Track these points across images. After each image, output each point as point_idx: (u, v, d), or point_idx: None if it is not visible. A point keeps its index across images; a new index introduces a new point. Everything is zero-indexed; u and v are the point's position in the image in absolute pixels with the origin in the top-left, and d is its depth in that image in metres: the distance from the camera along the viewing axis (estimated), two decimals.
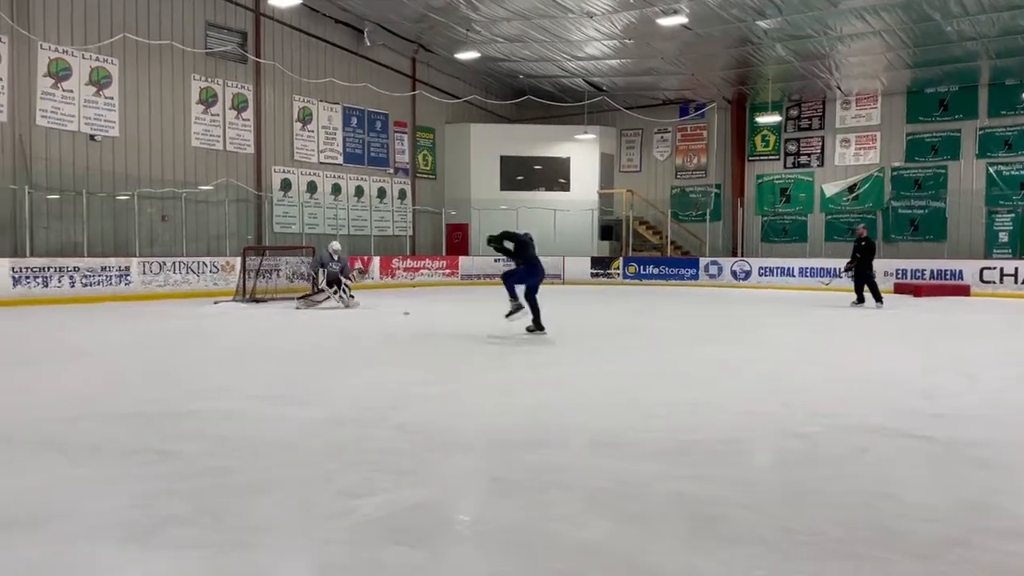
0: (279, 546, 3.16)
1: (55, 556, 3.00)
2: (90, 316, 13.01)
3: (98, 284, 16.63)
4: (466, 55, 23.64)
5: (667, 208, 26.69)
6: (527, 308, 10.33)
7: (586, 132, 26.09)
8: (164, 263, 17.95)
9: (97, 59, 18.33)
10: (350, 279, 15.28)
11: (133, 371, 7.71)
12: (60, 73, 17.75)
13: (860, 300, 15.72)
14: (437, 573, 2.89)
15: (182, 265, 18.22)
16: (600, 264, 25.19)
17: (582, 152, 26.94)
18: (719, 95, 25.63)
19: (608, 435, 4.96)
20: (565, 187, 27.01)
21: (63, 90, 17.80)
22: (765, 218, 25.81)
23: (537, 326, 10.37)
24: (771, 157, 25.83)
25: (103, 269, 16.84)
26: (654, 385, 6.89)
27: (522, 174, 27.00)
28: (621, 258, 25.29)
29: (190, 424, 5.26)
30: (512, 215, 25.30)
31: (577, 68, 24.68)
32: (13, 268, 15.40)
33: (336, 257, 15.19)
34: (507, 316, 10.33)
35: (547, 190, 26.91)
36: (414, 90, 25.41)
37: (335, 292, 14.91)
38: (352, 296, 15.28)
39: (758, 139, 25.95)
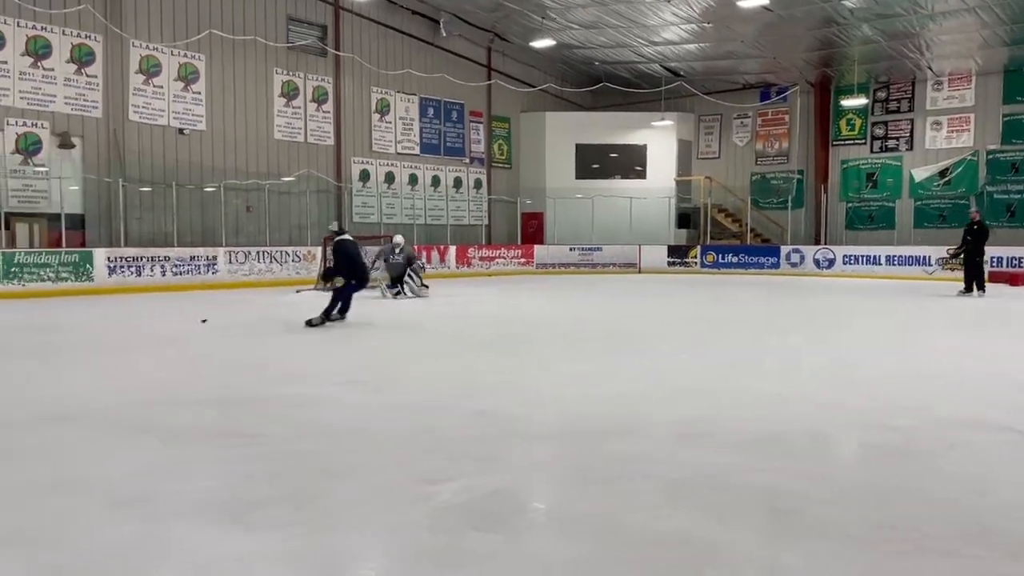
0: (361, 529, 3.23)
1: (152, 535, 3.13)
2: (180, 304, 13.53)
3: (187, 273, 17.27)
4: (541, 43, 23.53)
5: (747, 195, 26.08)
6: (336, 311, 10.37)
7: (663, 118, 25.69)
8: (249, 252, 18.53)
9: (185, 55, 19.00)
10: (416, 271, 15.37)
11: (221, 358, 7.99)
12: (151, 70, 18.47)
13: (968, 289, 14.93)
14: (515, 559, 2.90)
15: (266, 254, 18.76)
16: (677, 253, 24.82)
17: (659, 139, 26.55)
18: (802, 78, 24.86)
19: (687, 426, 4.89)
20: (641, 175, 26.68)
21: (153, 86, 18.52)
22: (850, 204, 24.96)
23: (324, 318, 10.23)
24: (857, 141, 24.93)
25: (192, 259, 17.48)
26: (734, 376, 6.75)
27: (598, 162, 26.79)
28: (699, 246, 24.86)
29: (275, 409, 5.42)
30: (587, 204, 25.17)
31: (654, 53, 24.30)
32: (108, 258, 16.14)
33: (398, 251, 15.33)
34: (315, 323, 10.13)
35: (623, 178, 26.64)
36: (489, 79, 25.48)
37: (396, 291, 15.03)
38: (425, 286, 15.40)
39: (843, 123, 25.08)
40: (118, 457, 4.26)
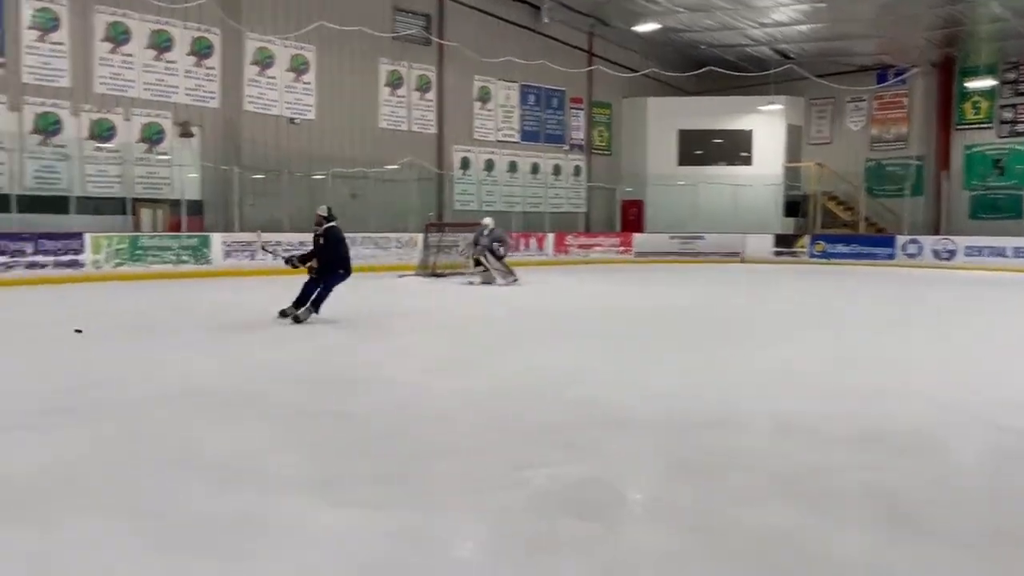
0: (455, 511, 3.26)
1: (251, 506, 3.26)
2: (289, 288, 14.02)
3: None
4: (645, 27, 23.08)
5: (860, 182, 24.92)
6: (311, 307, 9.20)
7: (771, 103, 24.82)
8: (354, 239, 18.99)
9: (296, 47, 19.62)
10: (495, 250, 15.33)
11: (324, 340, 8.23)
12: (264, 61, 19.17)
13: None
14: (612, 548, 2.86)
15: (370, 240, 19.24)
16: (784, 242, 23.99)
17: (766, 124, 25.68)
18: (922, 59, 23.51)
19: (792, 419, 4.72)
20: (747, 161, 25.89)
21: (267, 77, 19.23)
22: (974, 192, 23.48)
23: (294, 310, 9.16)
24: (983, 125, 23.41)
25: (301, 244, 18.03)
26: (842, 369, 6.47)
27: (701, 148, 26.17)
28: (808, 236, 23.94)
29: (372, 390, 5.54)
30: (690, 191, 24.63)
31: (763, 36, 23.49)
32: (224, 242, 16.91)
33: (485, 232, 15.40)
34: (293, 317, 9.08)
35: (727, 164, 25.92)
36: (590, 65, 25.24)
37: (481, 268, 15.11)
38: (510, 271, 15.34)
39: (968, 106, 23.59)
40: (226, 432, 4.45)
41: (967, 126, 23.69)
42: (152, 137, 17.47)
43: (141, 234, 16.31)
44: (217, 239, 16.90)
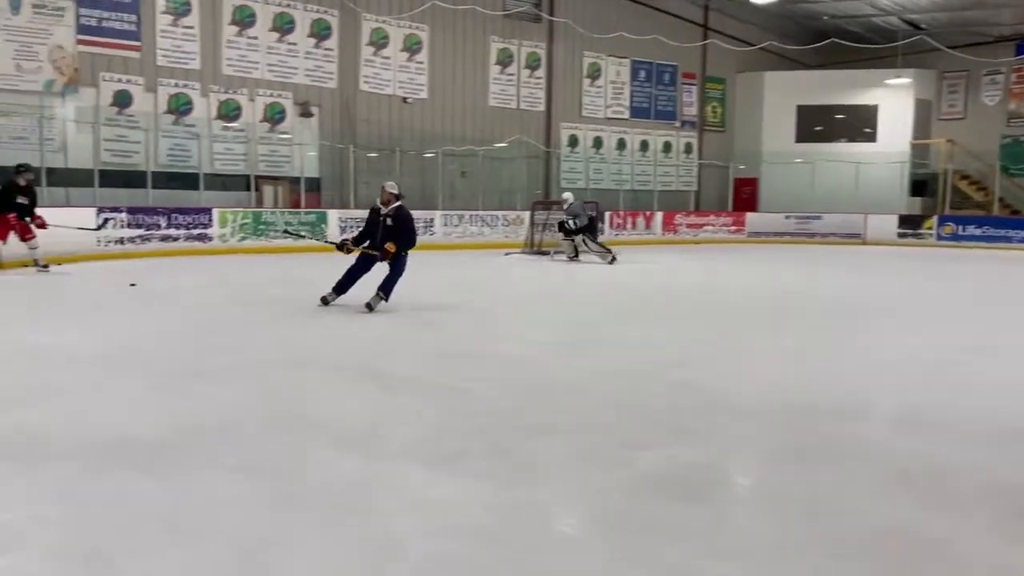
0: (562, 487, 3.30)
1: (370, 471, 3.40)
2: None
3: None
4: None
5: (995, 160, 23.31)
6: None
7: (899, 76, 23.49)
8: (463, 216, 19.34)
9: (410, 27, 19.96)
10: (568, 227, 15.19)
11: (437, 314, 8.43)
12: (379, 41, 19.61)
13: None
14: (718, 533, 2.83)
15: (478, 218, 19.49)
16: (910, 223, 22.74)
17: (893, 98, 24.32)
18: None
19: (916, 412, 4.50)
20: (871, 137, 24.64)
21: (381, 57, 19.66)
22: None
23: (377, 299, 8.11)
24: None
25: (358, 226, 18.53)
26: (973, 360, 6.11)
27: (821, 124, 25.07)
28: (936, 217, 22.61)
29: (484, 365, 5.65)
30: (808, 169, 23.68)
31: (891, 5, 22.20)
32: (340, 219, 17.50)
33: (565, 207, 15.39)
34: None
35: (849, 141, 24.75)
36: (705, 39, 24.55)
37: (569, 240, 15.10)
38: (601, 246, 15.26)
39: None
40: (343, 400, 4.64)
41: None
42: (274, 117, 18.21)
43: (263, 210, 17.08)
44: (333, 215, 17.52)
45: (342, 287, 8.39)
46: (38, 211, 11.02)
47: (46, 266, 11.02)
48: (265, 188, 18.10)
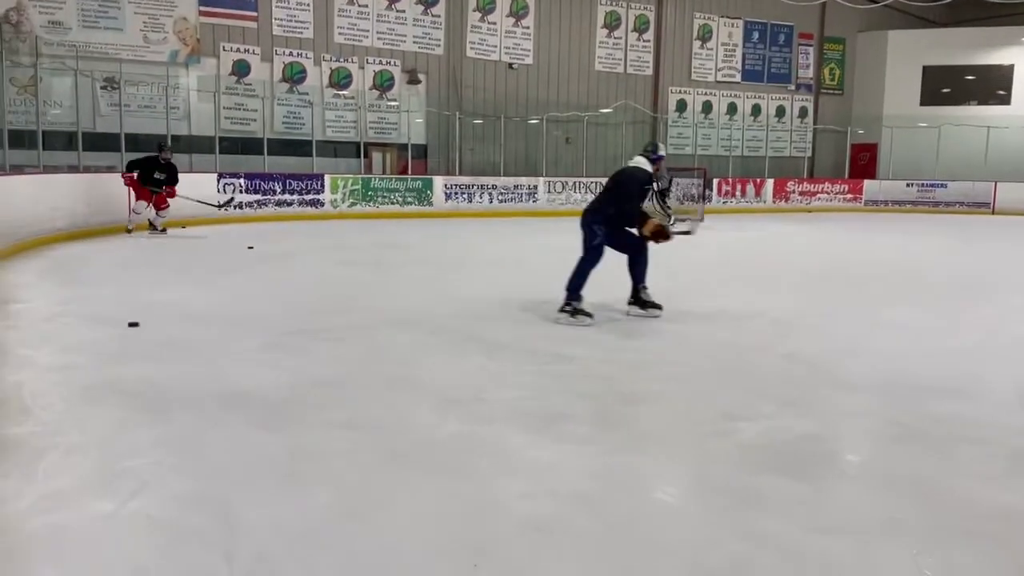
0: (663, 456, 3.29)
1: (473, 434, 3.48)
2: (504, 229, 14.52)
3: (511, 201, 18.45)
4: None
5: None
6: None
7: None
8: (566, 183, 19.26)
9: None
10: (656, 187, 14.66)
11: (538, 280, 8.46)
12: (486, 7, 19.61)
13: None
14: (824, 510, 2.77)
15: (581, 185, 19.36)
16: None
17: None
18: None
19: None
20: (1005, 100, 22.98)
21: (488, 23, 19.67)
22: None
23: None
24: None
25: (515, 187, 18.62)
26: None
27: (949, 86, 23.55)
28: None
29: (585, 331, 5.64)
30: (933, 133, 22.33)
31: None
32: (446, 184, 17.77)
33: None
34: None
35: (980, 104, 23.16)
36: None
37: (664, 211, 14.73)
38: (681, 219, 14.85)
39: None
40: (447, 362, 4.75)
41: None
42: (383, 84, 18.56)
43: (372, 176, 17.51)
44: (439, 182, 17.79)
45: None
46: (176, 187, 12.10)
47: (164, 230, 12.09)
48: (374, 155, 18.55)
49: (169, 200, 12.00)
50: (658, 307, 6.19)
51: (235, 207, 14.05)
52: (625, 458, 3.22)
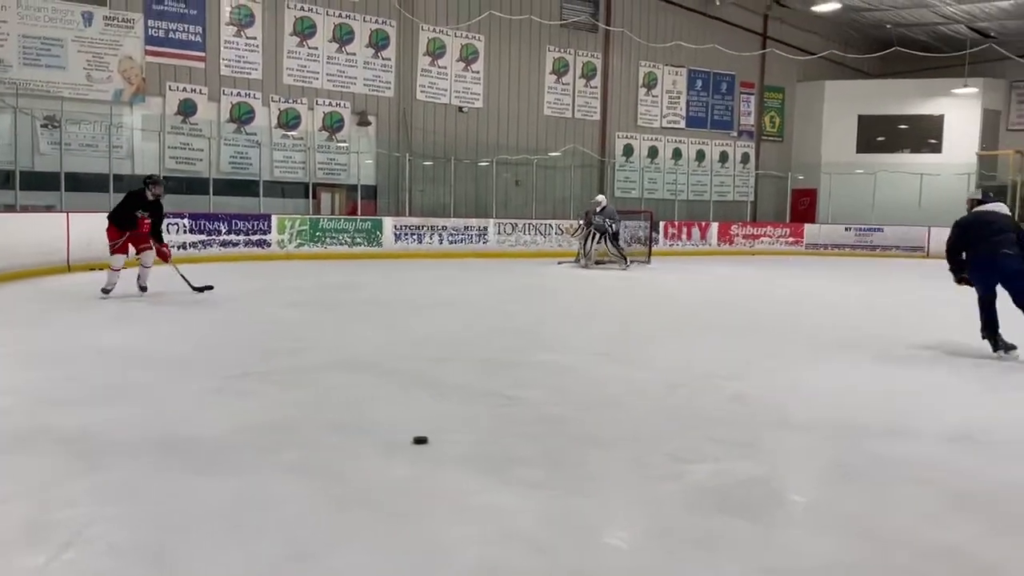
0: (613, 499, 3.29)
1: (422, 477, 3.44)
2: (453, 271, 14.53)
3: (461, 242, 18.52)
4: (826, 7, 21.92)
5: None
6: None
7: (966, 85, 22.85)
8: (516, 224, 19.42)
9: (466, 36, 20.16)
10: (610, 230, 15.27)
11: (489, 321, 8.48)
12: (436, 51, 19.85)
13: None
14: (769, 550, 2.79)
15: (531, 227, 19.54)
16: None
17: (959, 108, 23.67)
18: None
19: (975, 432, 4.37)
20: (935, 148, 23.99)
21: (438, 67, 19.90)
22: None
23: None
24: None
25: (465, 228, 18.70)
26: None
27: (883, 134, 24.52)
28: None
29: (535, 373, 5.66)
30: (869, 180, 23.16)
31: (958, 13, 21.63)
32: (395, 225, 17.76)
33: (598, 210, 15.44)
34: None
35: (913, 152, 24.14)
36: (764, 48, 24.25)
37: (593, 240, 15.19)
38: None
39: None
40: (396, 405, 4.70)
41: None
42: (332, 125, 18.56)
43: (321, 216, 17.40)
44: (389, 223, 17.78)
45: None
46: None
47: (144, 289, 9.54)
48: (323, 195, 18.46)
49: (154, 249, 9.54)
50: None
51: (179, 247, 13.78)
52: (576, 501, 3.21)
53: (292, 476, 3.42)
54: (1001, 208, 7.11)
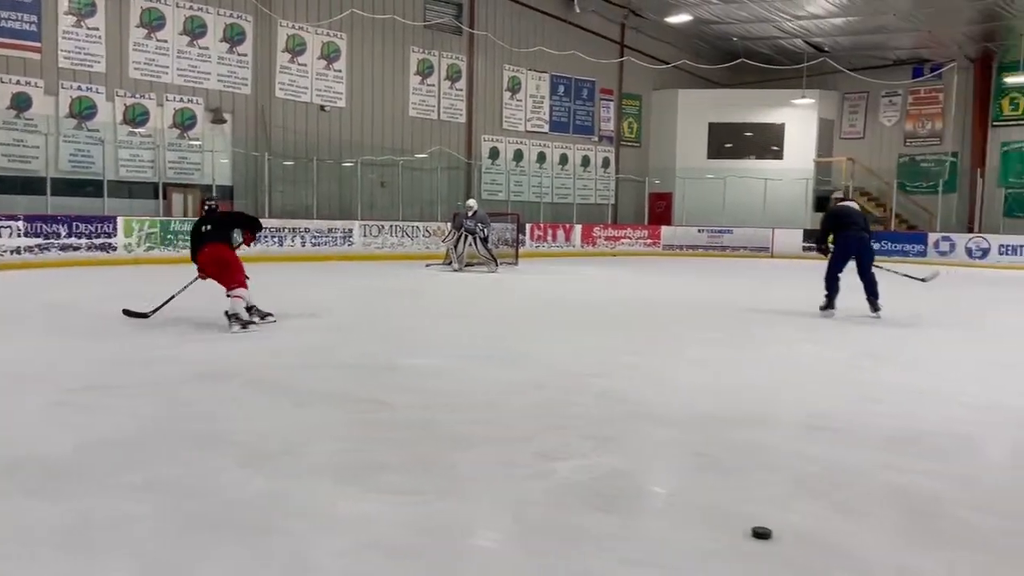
0: (481, 500, 3.29)
1: (285, 490, 3.31)
2: (318, 275, 14.16)
3: (325, 244, 18.07)
4: (677, 18, 22.95)
5: (893, 178, 24.57)
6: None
7: (804, 96, 24.55)
8: (382, 226, 19.17)
9: (328, 34, 19.71)
10: (482, 233, 15.59)
11: (355, 326, 8.31)
12: (296, 48, 19.30)
13: None
14: (635, 541, 2.87)
15: (398, 229, 19.34)
16: (814, 237, 23.67)
17: (798, 118, 25.40)
18: (960, 53, 23.10)
19: (821, 419, 4.68)
20: (778, 155, 25.63)
21: (298, 64, 19.35)
22: (1010, 190, 23.07)
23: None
24: (1021, 122, 22.98)
25: (329, 231, 18.27)
26: (871, 368, 6.41)
27: (731, 142, 25.95)
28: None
29: (403, 378, 5.59)
30: (719, 184, 24.44)
31: (797, 28, 23.21)
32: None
33: (470, 214, 15.68)
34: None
35: (758, 158, 25.68)
36: (622, 56, 25.11)
37: (464, 243, 15.44)
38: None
39: (1005, 102, 23.16)
40: (258, 416, 4.51)
41: (1004, 123, 23.28)
42: (184, 123, 17.68)
43: (172, 218, 16.53)
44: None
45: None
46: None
47: (251, 312, 8.05)
48: (174, 196, 17.54)
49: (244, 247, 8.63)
50: None
51: (12, 251, 12.71)
52: (445, 505, 3.19)
53: (141, 494, 3.21)
54: (855, 204, 10.22)
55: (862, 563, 2.72)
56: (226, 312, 7.64)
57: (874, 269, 9.56)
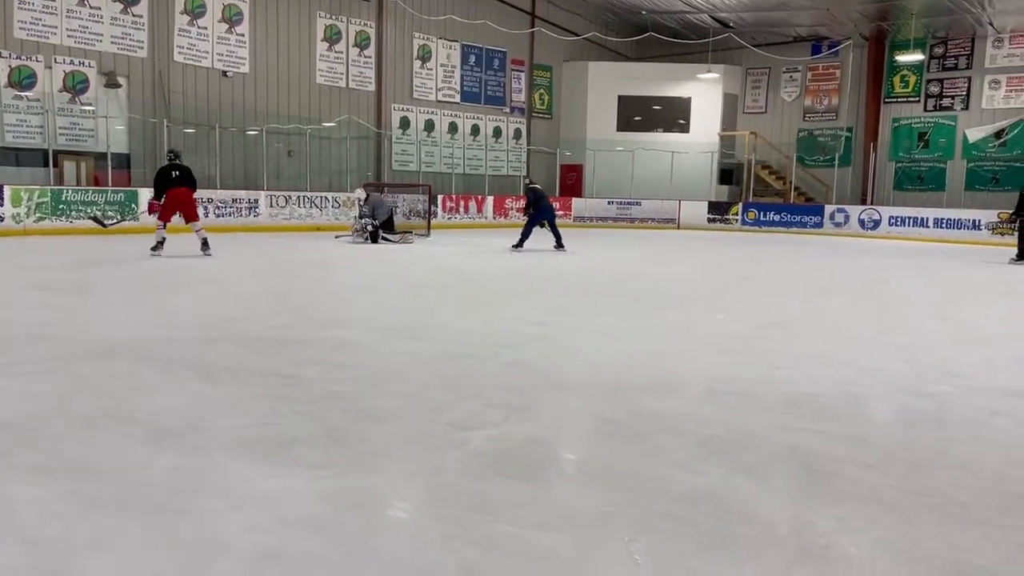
0: (395, 472, 3.29)
1: (191, 467, 3.22)
2: (222, 246, 13.71)
3: (229, 215, 17.50)
4: None
5: (792, 152, 25.52)
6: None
7: (709, 71, 25.12)
8: (289, 197, 18.68)
9: None
10: (379, 218, 15.54)
11: (262, 299, 8.11)
12: (195, 10, 18.46)
13: (1021, 256, 14.49)
14: (545, 507, 2.93)
15: (306, 199, 18.90)
16: (718, 209, 24.46)
17: (704, 92, 25.99)
18: (856, 32, 24.05)
19: (721, 384, 4.87)
20: (684, 128, 26.21)
21: (198, 27, 18.54)
22: (899, 164, 24.31)
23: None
24: (910, 99, 24.17)
25: (234, 201, 17.69)
26: (773, 336, 6.69)
27: (640, 114, 26.35)
28: (740, 204, 24.46)
29: (313, 351, 5.51)
30: (628, 157, 24.83)
31: (703, 3, 23.66)
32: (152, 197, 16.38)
33: (361, 203, 15.66)
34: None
35: (665, 131, 26.19)
36: (533, 27, 25.06)
37: (364, 233, 15.38)
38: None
39: (896, 79, 24.30)
40: (159, 392, 4.37)
41: (895, 99, 24.43)
42: (76, 87, 16.75)
43: (64, 187, 15.68)
44: (145, 194, 16.35)
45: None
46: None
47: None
48: (66, 164, 16.64)
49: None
50: None
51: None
52: (358, 477, 3.17)
53: (34, 476, 3.07)
54: None
55: (763, 521, 2.85)
56: (204, 239, 11.67)
57: None
